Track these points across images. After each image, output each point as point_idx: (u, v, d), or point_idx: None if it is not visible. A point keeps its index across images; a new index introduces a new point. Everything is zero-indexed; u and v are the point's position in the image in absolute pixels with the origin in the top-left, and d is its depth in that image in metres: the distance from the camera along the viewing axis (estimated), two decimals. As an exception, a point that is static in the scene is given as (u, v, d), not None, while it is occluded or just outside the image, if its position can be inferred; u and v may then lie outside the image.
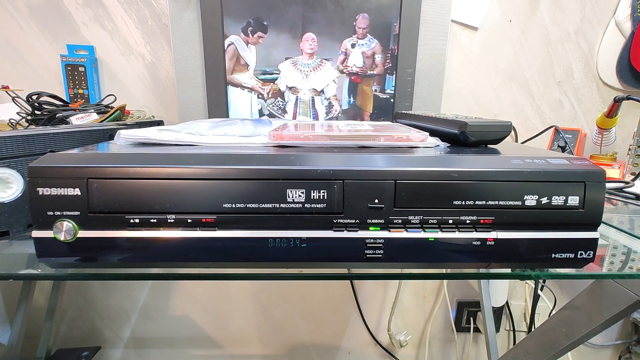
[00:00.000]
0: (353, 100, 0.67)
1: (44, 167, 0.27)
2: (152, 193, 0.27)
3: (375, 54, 0.64)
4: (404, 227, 0.28)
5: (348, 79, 0.67)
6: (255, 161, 0.27)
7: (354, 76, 0.65)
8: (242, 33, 0.64)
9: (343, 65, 0.66)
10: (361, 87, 0.67)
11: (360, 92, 0.67)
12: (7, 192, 0.36)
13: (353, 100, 0.67)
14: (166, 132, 0.35)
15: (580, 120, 0.83)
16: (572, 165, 0.28)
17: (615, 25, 0.77)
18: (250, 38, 0.63)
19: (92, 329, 0.97)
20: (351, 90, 0.68)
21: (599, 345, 0.98)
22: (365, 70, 0.65)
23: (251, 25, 0.63)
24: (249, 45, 0.64)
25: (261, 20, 0.63)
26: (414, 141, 0.34)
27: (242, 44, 0.64)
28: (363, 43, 0.64)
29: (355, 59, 0.65)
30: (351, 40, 0.64)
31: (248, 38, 0.63)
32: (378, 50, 0.65)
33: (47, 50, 0.78)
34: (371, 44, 0.64)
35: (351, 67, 0.64)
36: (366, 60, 0.66)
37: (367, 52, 0.65)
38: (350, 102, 0.68)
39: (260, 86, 0.65)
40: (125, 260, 0.28)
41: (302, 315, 0.99)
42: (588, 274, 0.35)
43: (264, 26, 0.64)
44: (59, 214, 0.27)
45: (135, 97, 0.81)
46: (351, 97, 0.68)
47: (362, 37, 0.64)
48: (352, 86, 0.67)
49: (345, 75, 0.67)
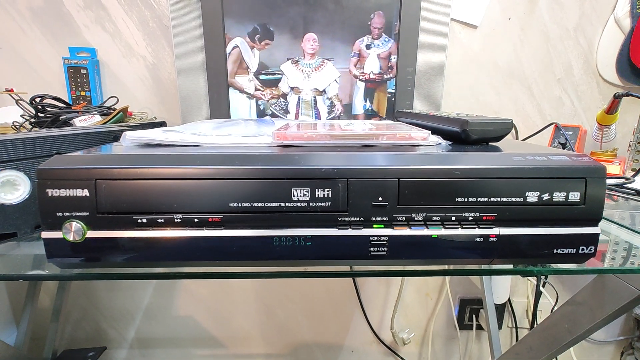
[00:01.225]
0: (370, 105, 0.67)
1: (53, 169, 0.27)
2: (159, 193, 0.27)
3: (391, 55, 0.63)
4: (408, 224, 0.29)
5: (364, 84, 0.66)
6: (261, 161, 0.28)
7: (370, 83, 0.65)
8: (248, 37, 0.64)
9: (357, 69, 0.64)
10: (377, 93, 0.66)
11: (377, 97, 0.67)
12: (14, 194, 0.37)
13: (370, 106, 0.67)
14: (171, 133, 0.36)
15: (581, 117, 0.83)
16: (572, 161, 0.29)
17: (614, 21, 0.77)
18: (257, 44, 0.63)
19: (96, 330, 0.98)
20: (367, 95, 0.67)
21: (602, 341, 0.98)
22: (382, 75, 0.64)
23: (258, 33, 0.63)
24: (253, 50, 0.64)
25: (267, 26, 0.63)
26: (416, 139, 0.34)
27: (247, 48, 0.64)
28: (378, 44, 0.63)
29: (372, 64, 0.64)
30: (365, 41, 0.62)
31: (255, 44, 0.63)
32: (394, 50, 0.63)
33: (49, 52, 0.78)
34: (387, 44, 0.62)
35: (369, 74, 0.63)
36: (382, 64, 0.65)
37: (382, 54, 0.64)
38: (366, 107, 0.68)
39: (262, 92, 0.65)
40: (133, 260, 0.29)
41: (305, 315, 0.99)
42: (590, 269, 0.36)
43: (270, 32, 0.64)
44: (68, 215, 0.27)
45: (137, 98, 0.81)
46: (367, 102, 0.67)
47: (377, 37, 0.63)
48: (368, 92, 0.67)
49: (360, 81, 0.66)
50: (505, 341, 1.00)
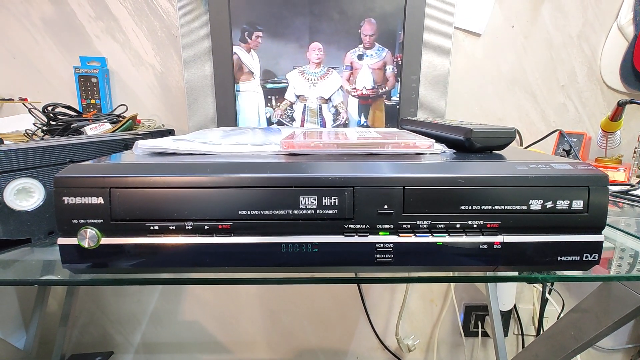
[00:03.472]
0: (365, 120, 0.66)
1: (69, 177, 0.28)
2: (171, 201, 0.28)
3: (386, 65, 0.59)
4: (413, 231, 0.29)
5: (357, 100, 0.64)
6: (269, 169, 0.29)
7: (363, 100, 0.61)
8: (240, 42, 0.65)
9: (349, 83, 0.60)
10: (373, 109, 0.63)
11: (372, 113, 0.64)
12: (29, 201, 0.38)
13: (365, 121, 0.66)
14: (181, 142, 0.37)
15: (585, 124, 0.83)
16: (575, 170, 0.29)
17: (617, 29, 0.78)
18: (250, 42, 0.63)
19: (103, 335, 0.99)
20: (362, 111, 0.66)
21: (609, 349, 0.97)
22: (377, 90, 0.60)
23: (246, 30, 0.64)
24: (250, 52, 0.65)
25: (255, 24, 0.64)
26: (420, 148, 0.35)
27: (243, 52, 0.65)
28: (371, 54, 0.59)
29: (364, 78, 0.59)
30: (357, 51, 0.60)
31: (248, 44, 0.63)
32: (389, 60, 0.60)
33: (61, 62, 0.80)
34: (381, 53, 0.59)
35: (360, 90, 0.59)
36: (376, 76, 0.61)
37: (375, 64, 0.60)
38: (360, 123, 0.67)
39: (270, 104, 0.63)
40: (145, 266, 0.29)
41: (310, 320, 0.99)
42: (595, 276, 0.36)
43: (256, 26, 0.64)
44: (83, 222, 0.28)
45: (145, 106, 0.83)
46: (362, 117, 0.66)
47: (369, 46, 0.60)
48: (362, 108, 0.66)
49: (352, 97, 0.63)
50: (511, 348, 0.99)
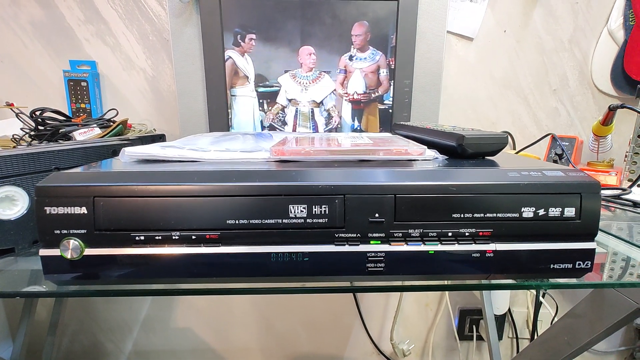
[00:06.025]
0: (358, 124, 0.66)
1: (51, 186, 0.27)
2: (157, 210, 0.27)
3: (380, 68, 0.59)
4: (405, 240, 0.29)
5: (350, 105, 0.64)
6: (258, 178, 0.28)
7: (356, 104, 0.61)
8: (235, 46, 0.65)
9: (343, 87, 0.60)
10: (366, 114, 0.64)
11: (365, 117, 0.65)
12: (13, 209, 0.37)
13: (359, 125, 0.66)
14: (169, 148, 0.36)
15: (577, 128, 0.84)
16: (567, 177, 0.29)
17: (608, 33, 0.78)
18: (244, 45, 0.62)
19: (94, 343, 0.97)
20: (355, 115, 0.66)
21: (603, 351, 0.97)
22: (369, 94, 0.60)
23: (239, 33, 0.63)
24: (244, 56, 0.65)
25: (247, 27, 0.64)
26: (412, 155, 0.34)
27: (238, 56, 0.65)
28: (365, 57, 0.59)
29: (356, 83, 0.60)
30: (349, 53, 0.60)
31: (242, 47, 0.63)
32: (383, 63, 0.60)
33: (50, 66, 0.79)
34: (375, 56, 0.59)
35: (352, 95, 0.59)
36: (368, 80, 0.61)
37: (368, 68, 0.60)
38: (354, 127, 0.67)
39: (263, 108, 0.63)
40: (131, 277, 0.29)
41: (304, 326, 0.98)
42: (588, 283, 0.35)
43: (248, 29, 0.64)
44: (66, 232, 0.27)
45: (136, 110, 0.82)
46: (355, 121, 0.66)
47: (359, 47, 0.60)
48: (355, 112, 0.66)
49: (346, 101, 0.64)
50: (506, 352, 0.99)
